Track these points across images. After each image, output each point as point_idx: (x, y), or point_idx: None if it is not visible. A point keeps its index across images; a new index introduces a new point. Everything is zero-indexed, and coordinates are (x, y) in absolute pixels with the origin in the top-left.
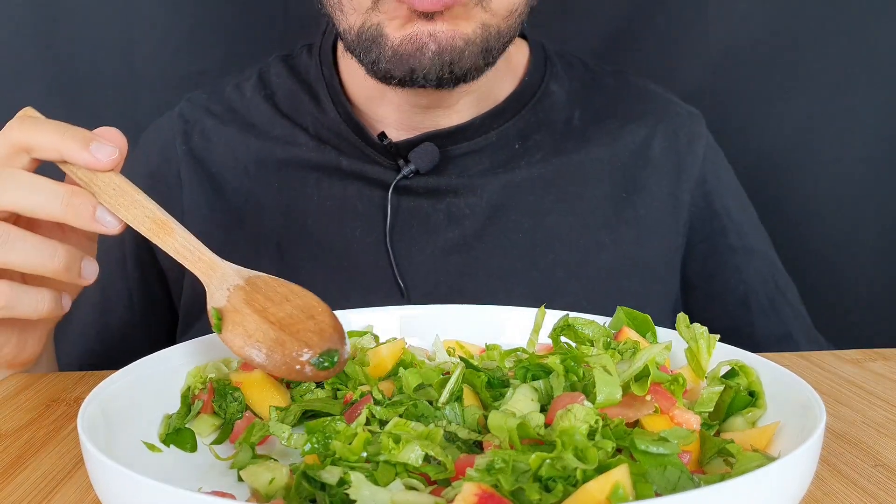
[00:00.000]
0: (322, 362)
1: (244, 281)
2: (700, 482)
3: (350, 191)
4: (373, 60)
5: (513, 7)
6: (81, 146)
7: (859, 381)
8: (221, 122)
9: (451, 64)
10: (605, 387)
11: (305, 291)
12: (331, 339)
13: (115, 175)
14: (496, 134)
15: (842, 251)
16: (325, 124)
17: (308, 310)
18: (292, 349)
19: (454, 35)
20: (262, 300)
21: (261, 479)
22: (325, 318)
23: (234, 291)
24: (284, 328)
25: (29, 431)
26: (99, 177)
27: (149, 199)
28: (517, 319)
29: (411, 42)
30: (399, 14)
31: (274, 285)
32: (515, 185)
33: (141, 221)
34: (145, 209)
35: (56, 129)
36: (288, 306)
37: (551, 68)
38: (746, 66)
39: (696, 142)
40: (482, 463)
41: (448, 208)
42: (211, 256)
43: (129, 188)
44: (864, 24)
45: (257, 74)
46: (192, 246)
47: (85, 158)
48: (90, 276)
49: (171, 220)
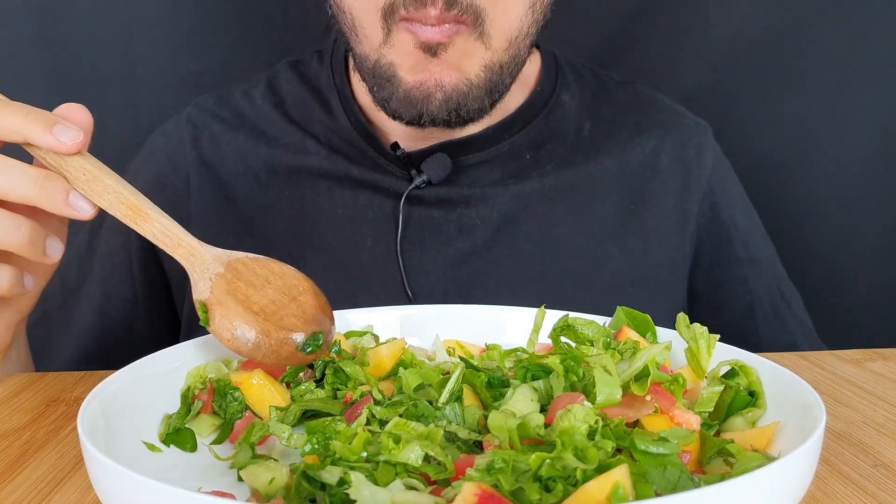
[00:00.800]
0: (307, 347)
1: (224, 267)
2: (700, 482)
3: (361, 200)
4: (385, 98)
5: (511, 36)
6: (45, 129)
7: (859, 381)
8: (231, 129)
9: (458, 108)
10: (605, 387)
11: (284, 269)
12: (314, 320)
13: (84, 159)
14: (508, 144)
15: (842, 251)
16: (336, 132)
17: (290, 291)
18: (277, 338)
19: (458, 81)
20: (244, 288)
21: (261, 479)
22: (308, 297)
23: (216, 281)
24: (269, 317)
25: (29, 431)
26: (68, 161)
27: (122, 182)
28: (517, 319)
29: (421, 89)
30: (408, 50)
31: (254, 268)
32: (526, 195)
33: (116, 207)
34: (119, 194)
35: (19, 110)
36: (270, 290)
37: (562, 78)
38: (746, 66)
39: (704, 153)
40: (482, 463)
41: (459, 219)
42: (190, 242)
43: (99, 173)
44: (864, 24)
45: (266, 81)
46: (171, 231)
47: (48, 141)
48: (55, 254)
49: (147, 206)
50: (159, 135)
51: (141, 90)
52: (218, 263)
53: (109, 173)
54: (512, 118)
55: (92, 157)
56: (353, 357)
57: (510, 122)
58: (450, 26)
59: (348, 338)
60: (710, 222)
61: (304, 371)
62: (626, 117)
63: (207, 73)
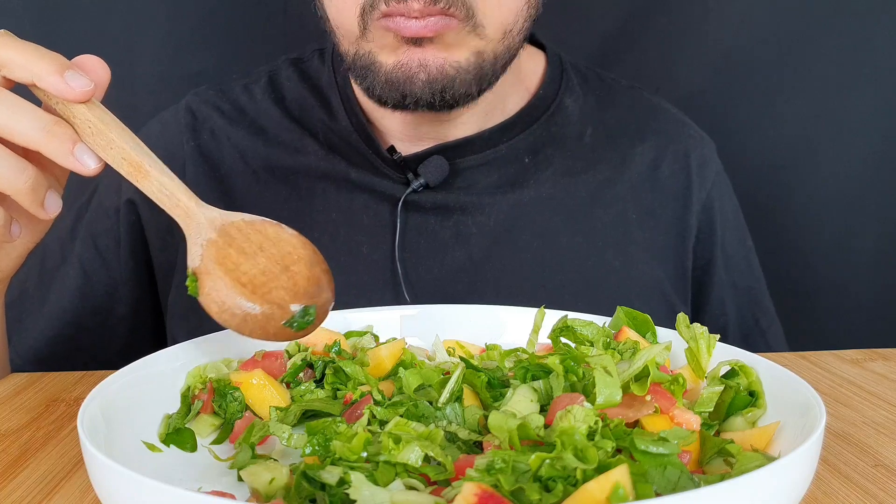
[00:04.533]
0: (293, 323)
1: (217, 233)
2: (700, 482)
3: (357, 203)
4: (368, 86)
5: (506, 27)
6: (56, 70)
7: (859, 381)
8: (230, 123)
9: (443, 91)
10: (605, 388)
11: (280, 233)
12: (305, 293)
13: (91, 111)
14: (506, 147)
15: (842, 252)
16: (335, 132)
17: (283, 259)
18: (264, 312)
19: (444, 63)
20: (235, 256)
21: (261, 479)
22: (301, 267)
23: (207, 248)
24: (256, 289)
25: (29, 431)
26: (76, 110)
27: (126, 136)
28: (517, 320)
29: (402, 70)
30: (387, 42)
31: (248, 233)
32: (524, 204)
33: (119, 164)
34: (122, 150)
35: (32, 49)
36: (262, 258)
37: (567, 82)
38: (746, 67)
39: (706, 166)
40: (482, 463)
41: (456, 226)
42: (188, 203)
43: (105, 127)
44: (864, 24)
45: (267, 77)
46: (170, 191)
47: (56, 84)
48: (52, 209)
49: (148, 161)
50: (157, 122)
51: (141, 90)
52: (211, 228)
53: (115, 126)
54: (512, 121)
55: (103, 109)
56: (353, 357)
57: (510, 125)
58: (436, 19)
59: (348, 338)
60: (705, 237)
61: (304, 371)
62: (629, 124)
63: (207, 73)
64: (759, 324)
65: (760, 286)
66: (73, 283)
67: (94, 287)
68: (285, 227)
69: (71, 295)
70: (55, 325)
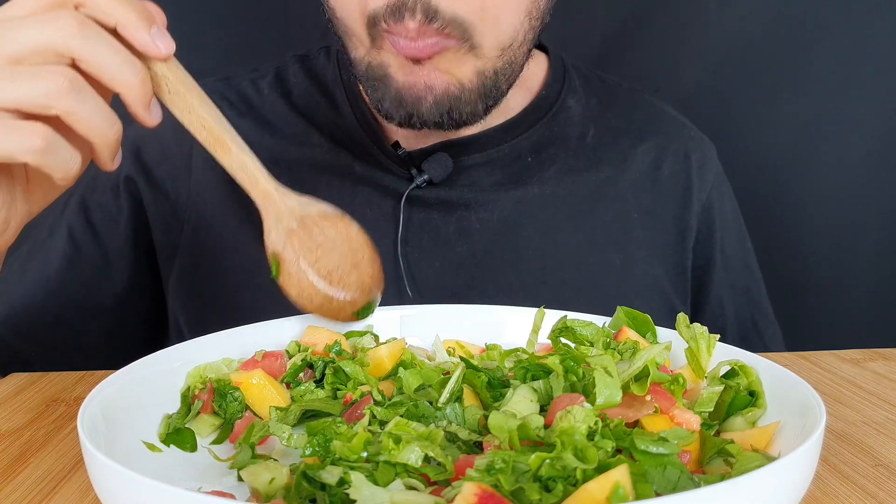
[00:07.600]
0: (359, 315)
1: (298, 223)
2: (700, 482)
3: (360, 197)
4: (378, 98)
5: (504, 45)
6: (143, 24)
7: (859, 381)
8: (238, 114)
9: (451, 111)
10: (605, 388)
11: (350, 231)
12: (370, 291)
13: (169, 69)
14: (509, 146)
15: (842, 251)
16: (340, 128)
17: (353, 256)
18: (339, 302)
19: (448, 84)
20: (315, 249)
21: (261, 479)
22: (367, 267)
23: (290, 237)
24: (333, 282)
25: (29, 431)
26: (156, 66)
27: (205, 103)
28: (517, 320)
29: (411, 91)
30: (396, 54)
31: (325, 226)
32: (527, 201)
33: (197, 130)
34: (202, 118)
35: None
36: (335, 255)
37: (569, 83)
38: (746, 67)
39: (706, 167)
40: (482, 463)
41: (459, 222)
42: (267, 186)
43: (184, 89)
44: (864, 24)
45: (274, 72)
46: (250, 170)
47: (143, 39)
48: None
49: (230, 138)
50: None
51: None
52: (292, 218)
53: (193, 88)
54: (515, 120)
55: (182, 69)
56: (353, 357)
57: (513, 124)
58: (434, 41)
59: (348, 338)
60: (704, 237)
61: (304, 371)
62: (630, 125)
63: (207, 73)
64: (757, 325)
65: (759, 288)
66: (60, 251)
67: (83, 258)
68: (353, 223)
69: (58, 264)
70: (38, 294)
